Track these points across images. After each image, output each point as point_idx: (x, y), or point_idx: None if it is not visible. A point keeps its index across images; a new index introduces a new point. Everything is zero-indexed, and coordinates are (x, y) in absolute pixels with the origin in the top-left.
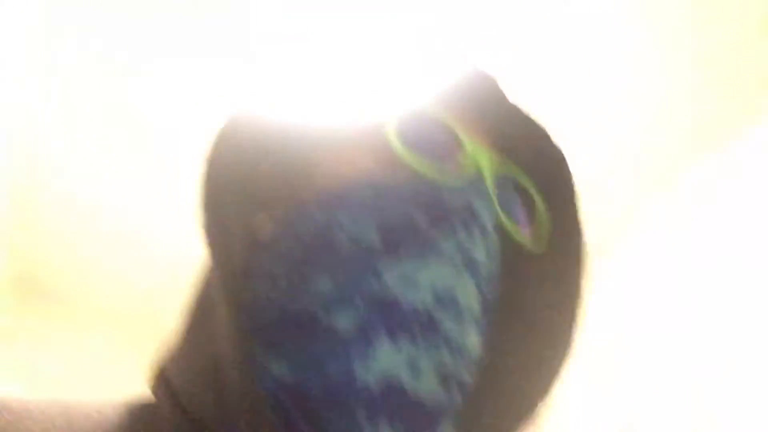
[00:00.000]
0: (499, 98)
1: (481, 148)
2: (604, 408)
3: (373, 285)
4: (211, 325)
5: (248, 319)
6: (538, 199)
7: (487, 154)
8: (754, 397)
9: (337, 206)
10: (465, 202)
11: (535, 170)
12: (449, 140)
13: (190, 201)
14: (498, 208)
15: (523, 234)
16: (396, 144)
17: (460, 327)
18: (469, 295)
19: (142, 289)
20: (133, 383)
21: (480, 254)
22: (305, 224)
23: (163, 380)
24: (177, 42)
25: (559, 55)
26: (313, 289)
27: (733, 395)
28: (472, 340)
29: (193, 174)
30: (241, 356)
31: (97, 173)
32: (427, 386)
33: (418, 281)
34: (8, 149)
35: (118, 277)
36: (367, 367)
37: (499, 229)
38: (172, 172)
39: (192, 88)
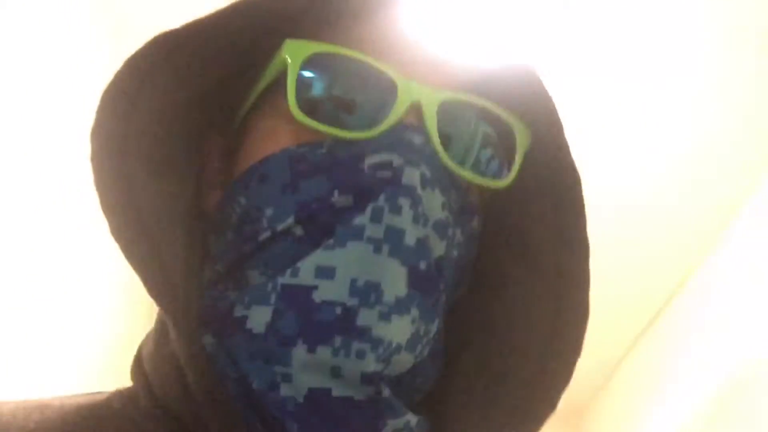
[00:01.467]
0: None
1: (423, 84)
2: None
3: (288, 278)
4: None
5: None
6: (514, 124)
7: (430, 89)
8: None
9: (257, 189)
10: (385, 161)
11: (508, 95)
12: (376, 85)
13: None
14: (439, 149)
15: (486, 173)
16: (296, 111)
17: (383, 318)
18: (393, 279)
19: None
20: None
21: (404, 223)
22: (235, 208)
23: (139, 365)
24: None
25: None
26: (242, 279)
27: None
28: (399, 326)
29: None
30: (191, 354)
31: None
32: (354, 387)
33: (334, 270)
34: None
35: None
36: (287, 376)
37: (447, 174)
38: None
39: None
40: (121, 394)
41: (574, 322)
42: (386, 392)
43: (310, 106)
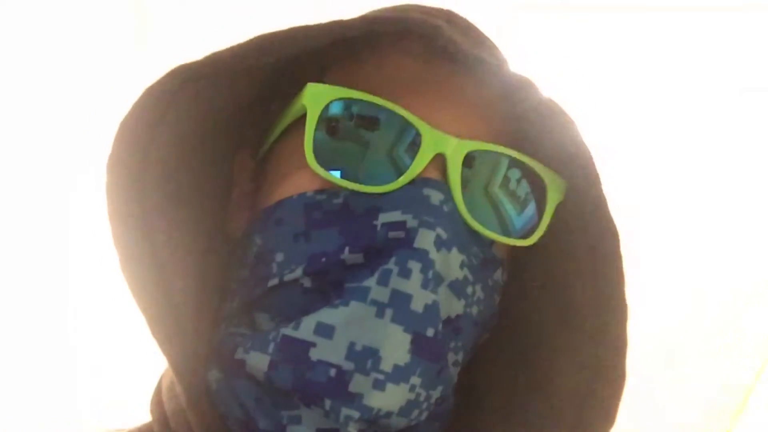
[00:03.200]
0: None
1: (449, 134)
2: None
3: (289, 331)
4: None
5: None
6: (545, 176)
7: (456, 140)
8: None
9: (272, 232)
10: (399, 221)
11: (541, 146)
12: (399, 134)
13: None
14: (461, 206)
15: (509, 229)
16: (312, 160)
17: (378, 387)
18: (394, 346)
19: None
20: None
21: (411, 288)
22: (252, 246)
23: (158, 404)
24: None
25: None
26: (250, 321)
27: None
28: (393, 394)
29: None
30: (190, 399)
31: None
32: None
33: (334, 329)
34: None
35: None
36: (295, 418)
37: (468, 232)
38: None
39: None
40: (141, 430)
41: (610, 387)
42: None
43: (328, 155)
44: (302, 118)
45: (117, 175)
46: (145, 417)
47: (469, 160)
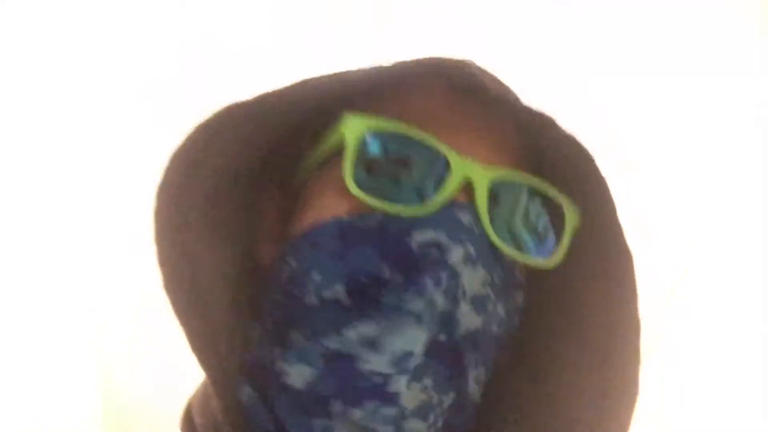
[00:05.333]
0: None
1: (475, 162)
2: None
3: (333, 343)
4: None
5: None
6: (563, 202)
7: (482, 168)
8: None
9: (308, 254)
10: (433, 240)
11: (559, 174)
12: (431, 162)
13: None
14: (488, 227)
15: (531, 251)
16: (351, 185)
17: (413, 385)
18: (419, 346)
19: None
20: None
21: (437, 295)
22: (285, 269)
23: (188, 419)
24: None
25: None
26: (285, 338)
27: None
28: (414, 396)
29: None
30: (228, 408)
31: None
32: None
33: (378, 342)
34: None
35: None
36: (328, 428)
37: (493, 252)
38: None
39: None
40: None
41: (621, 403)
42: None
43: (365, 180)
44: (339, 148)
45: (165, 202)
46: None
47: (493, 187)
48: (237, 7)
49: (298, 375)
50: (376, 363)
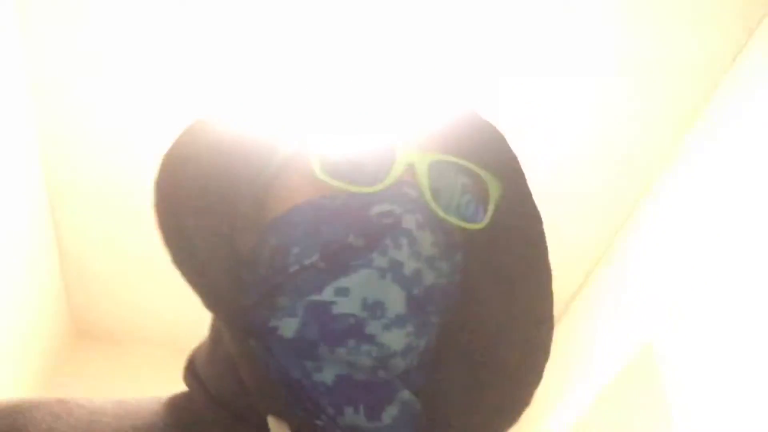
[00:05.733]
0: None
1: (415, 149)
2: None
3: (314, 298)
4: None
5: (232, 322)
6: (485, 176)
7: (421, 153)
8: None
9: (286, 233)
10: (388, 210)
11: (480, 154)
12: (382, 151)
13: None
14: (429, 199)
15: (466, 217)
16: (321, 174)
17: (386, 329)
18: (394, 299)
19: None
20: None
21: (403, 257)
22: (265, 247)
23: (192, 372)
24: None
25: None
26: (273, 302)
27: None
28: (397, 335)
29: None
30: (242, 352)
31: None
32: (368, 373)
33: (348, 290)
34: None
35: (165, 313)
36: (318, 367)
37: (436, 219)
38: None
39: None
40: (181, 397)
41: (543, 331)
42: (405, 394)
43: (330, 169)
44: (303, 149)
45: (161, 194)
46: None
47: (431, 169)
48: None
49: (287, 327)
50: (345, 306)
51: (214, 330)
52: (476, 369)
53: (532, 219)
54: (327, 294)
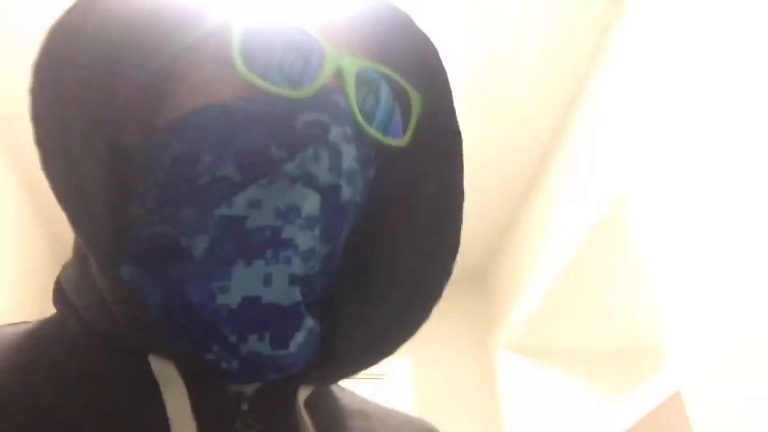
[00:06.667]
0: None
1: (344, 53)
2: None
3: (225, 211)
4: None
5: (116, 236)
6: (408, 89)
7: (351, 57)
8: None
9: (194, 137)
10: (316, 120)
11: (409, 66)
12: (309, 50)
13: None
14: (356, 111)
15: (388, 132)
16: (241, 70)
17: (303, 231)
18: (308, 203)
19: None
20: None
21: (322, 169)
22: (166, 150)
23: (62, 295)
24: None
25: None
26: (175, 215)
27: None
28: (313, 238)
29: None
30: (113, 287)
31: None
32: (281, 292)
33: (261, 201)
34: None
35: None
36: (225, 288)
37: (361, 132)
38: None
39: None
40: (50, 323)
41: (447, 255)
42: (300, 299)
43: (250, 64)
44: (214, 34)
45: (44, 77)
46: None
47: (358, 76)
48: None
49: (196, 245)
50: (260, 219)
51: (80, 254)
52: (375, 285)
53: (451, 136)
54: (239, 207)
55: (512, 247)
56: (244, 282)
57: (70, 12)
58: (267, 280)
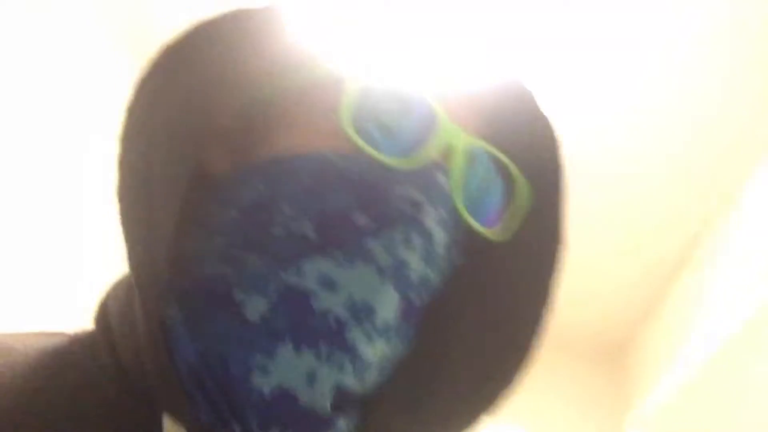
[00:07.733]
0: (506, 86)
1: (459, 127)
2: None
3: (293, 279)
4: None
5: (167, 275)
6: (519, 180)
7: (464, 134)
8: None
9: (281, 183)
10: (412, 197)
11: (525, 153)
12: (422, 119)
13: None
14: (459, 196)
15: (484, 223)
16: (347, 125)
17: (369, 339)
18: (387, 306)
19: None
20: None
21: (413, 258)
22: (249, 189)
23: (104, 319)
24: None
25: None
26: (239, 259)
27: None
28: (379, 351)
29: None
30: (149, 328)
31: None
32: (320, 396)
33: (336, 283)
34: None
35: None
36: (265, 367)
37: (457, 218)
38: None
39: None
40: (82, 342)
41: (517, 356)
42: (341, 422)
43: (358, 122)
44: (330, 80)
45: (136, 91)
46: None
47: (468, 155)
48: None
49: (252, 305)
50: (329, 301)
51: (129, 284)
52: (425, 377)
53: (554, 243)
54: (308, 278)
55: (658, 326)
56: (287, 369)
57: (187, 32)
58: (311, 379)
